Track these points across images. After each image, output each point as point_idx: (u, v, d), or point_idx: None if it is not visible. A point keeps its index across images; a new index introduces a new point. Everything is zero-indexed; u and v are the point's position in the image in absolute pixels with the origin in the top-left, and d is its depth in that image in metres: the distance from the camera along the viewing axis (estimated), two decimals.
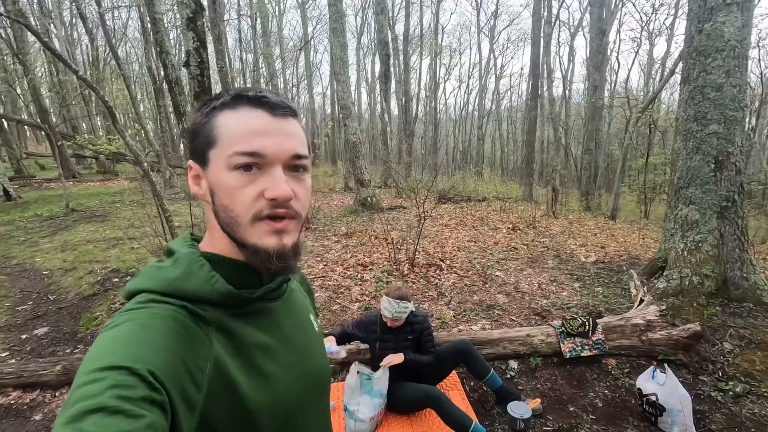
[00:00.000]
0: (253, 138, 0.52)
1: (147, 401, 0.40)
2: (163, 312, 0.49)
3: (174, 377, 0.44)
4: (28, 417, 2.60)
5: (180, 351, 0.46)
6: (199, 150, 0.55)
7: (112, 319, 0.49)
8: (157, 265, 0.56)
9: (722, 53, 3.66)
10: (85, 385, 0.39)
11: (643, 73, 23.65)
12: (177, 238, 0.61)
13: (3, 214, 8.91)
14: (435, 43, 23.22)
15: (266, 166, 0.53)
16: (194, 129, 0.56)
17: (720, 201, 3.75)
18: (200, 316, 0.51)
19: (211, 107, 0.54)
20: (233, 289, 0.54)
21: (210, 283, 0.53)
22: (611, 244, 6.33)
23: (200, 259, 0.55)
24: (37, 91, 12.87)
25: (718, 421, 2.34)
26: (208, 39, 5.74)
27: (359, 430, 2.26)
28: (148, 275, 0.54)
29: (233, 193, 0.52)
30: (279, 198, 0.52)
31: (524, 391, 2.65)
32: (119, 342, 0.44)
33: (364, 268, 4.92)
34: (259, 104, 0.54)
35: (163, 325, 0.47)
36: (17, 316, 4.07)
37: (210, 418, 0.47)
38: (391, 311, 2.29)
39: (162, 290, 0.52)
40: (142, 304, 0.50)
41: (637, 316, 3.02)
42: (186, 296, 0.51)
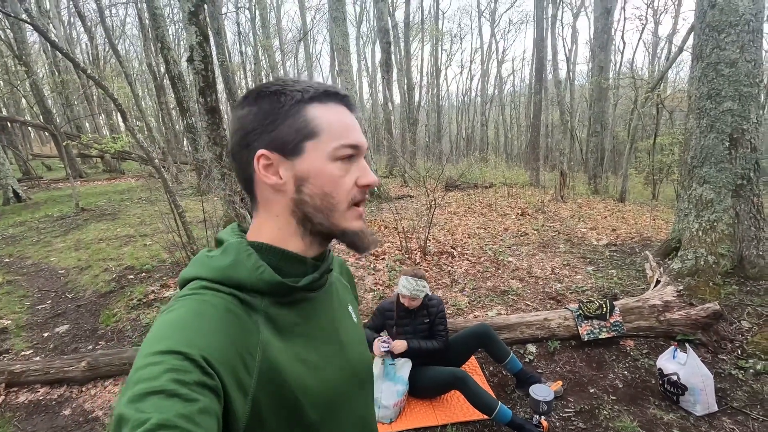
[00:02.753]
0: (352, 132, 0.58)
1: (201, 385, 0.41)
2: (215, 299, 0.51)
3: (227, 362, 0.46)
4: (57, 412, 2.66)
5: (232, 337, 0.48)
6: (285, 140, 0.56)
7: (169, 304, 0.51)
8: (207, 254, 0.58)
9: (736, 28, 3.58)
10: (145, 367, 0.41)
11: (648, 53, 23.26)
12: (225, 228, 0.63)
13: (14, 215, 9.01)
14: (436, 29, 22.91)
15: (357, 158, 0.58)
16: (272, 119, 0.56)
17: (735, 179, 3.70)
18: (249, 303, 0.53)
19: (297, 99, 0.56)
20: (279, 279, 0.55)
21: (258, 272, 0.54)
22: (622, 227, 6.30)
23: (248, 248, 0.56)
24: (41, 91, 12.88)
25: (739, 398, 2.34)
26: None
27: (383, 416, 2.30)
28: (199, 263, 0.56)
29: (336, 182, 0.56)
30: (372, 185, 0.59)
31: (543, 375, 2.67)
32: (175, 327, 0.46)
33: (376, 257, 4.93)
34: (344, 102, 0.59)
35: (215, 312, 0.49)
36: (37, 315, 4.14)
37: (260, 403, 0.49)
38: (409, 289, 2.32)
39: (213, 278, 0.53)
40: (195, 290, 0.52)
41: (654, 297, 3.01)
42: (235, 284, 0.53)
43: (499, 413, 2.10)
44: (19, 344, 3.56)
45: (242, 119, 0.58)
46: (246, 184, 0.61)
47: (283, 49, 26.00)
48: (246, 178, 0.60)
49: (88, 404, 2.69)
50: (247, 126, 0.57)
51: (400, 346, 2.35)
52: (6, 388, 2.86)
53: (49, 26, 15.36)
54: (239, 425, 0.46)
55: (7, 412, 2.68)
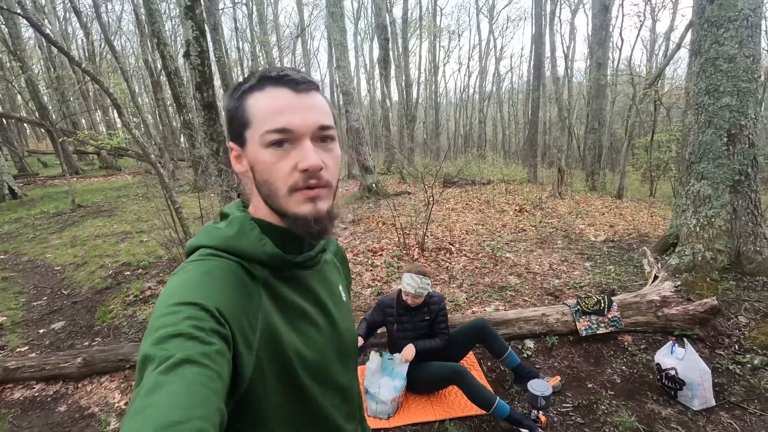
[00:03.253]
0: (280, 115, 0.56)
1: (215, 333, 0.46)
2: (223, 264, 0.55)
3: (235, 317, 0.50)
4: (52, 408, 2.64)
5: (238, 298, 0.52)
6: (236, 132, 0.60)
7: (180, 267, 0.56)
8: (214, 225, 0.62)
9: (735, 23, 3.57)
10: (164, 316, 0.46)
11: (646, 49, 23.26)
12: (230, 203, 0.68)
13: (10, 212, 8.95)
14: (434, 26, 22.84)
15: (296, 141, 0.57)
16: (230, 113, 0.60)
17: (733, 175, 3.70)
18: (251, 272, 0.57)
19: (241, 91, 0.59)
20: (280, 252, 0.59)
21: (260, 244, 0.58)
22: (620, 223, 6.31)
23: (251, 222, 0.61)
24: (36, 88, 12.78)
25: (737, 393, 2.35)
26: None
27: (381, 411, 2.29)
28: (206, 233, 0.61)
29: (270, 169, 0.57)
30: (310, 168, 0.56)
31: (541, 370, 2.66)
32: (189, 284, 0.51)
33: (374, 253, 4.92)
34: (282, 82, 0.57)
35: (224, 274, 0.53)
36: (33, 312, 4.12)
37: (262, 359, 0.53)
38: (414, 286, 2.31)
39: (219, 246, 0.57)
40: (203, 256, 0.56)
41: (652, 293, 3.02)
42: (239, 253, 0.57)
43: (498, 408, 2.10)
44: (15, 341, 3.53)
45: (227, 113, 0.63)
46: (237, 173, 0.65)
47: (281, 45, 25.86)
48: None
49: (84, 400, 2.67)
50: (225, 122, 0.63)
51: (410, 353, 2.33)
52: (1, 384, 2.84)
53: (45, 22, 15.24)
54: (245, 376, 0.51)
55: (2, 408, 2.66)
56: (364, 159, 8.96)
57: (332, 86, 24.92)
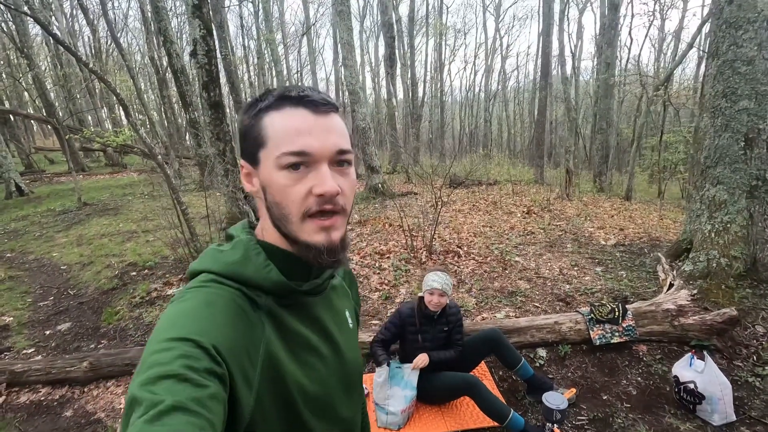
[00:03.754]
0: (299, 137, 0.54)
1: (210, 373, 0.43)
2: (224, 292, 0.53)
3: (234, 353, 0.48)
4: (58, 413, 2.62)
5: (239, 330, 0.50)
6: (249, 150, 0.58)
7: (179, 294, 0.53)
8: (218, 248, 0.60)
9: (754, 24, 3.48)
10: (157, 353, 0.43)
11: (655, 49, 23.02)
12: (237, 224, 0.65)
13: (17, 209, 8.98)
14: (440, 24, 22.70)
15: (313, 164, 0.55)
16: (243, 130, 0.58)
17: (750, 180, 3.62)
18: (254, 300, 0.55)
19: (258, 109, 0.57)
20: (285, 280, 0.57)
21: (265, 270, 0.56)
22: (630, 226, 6.22)
23: (257, 246, 0.58)
24: (43, 85, 12.81)
25: (757, 407, 2.28)
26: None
27: (391, 422, 2.25)
28: (209, 257, 0.58)
29: (284, 192, 0.55)
30: (326, 194, 0.54)
31: (555, 380, 2.61)
32: (187, 316, 0.48)
33: (381, 256, 4.87)
34: (301, 103, 0.55)
35: (224, 305, 0.51)
36: (39, 312, 4.10)
37: (263, 396, 0.50)
38: (440, 282, 2.29)
39: (222, 272, 0.55)
40: (204, 283, 0.54)
41: (667, 301, 2.95)
42: (243, 280, 0.55)
43: (512, 421, 2.05)
44: (21, 342, 3.52)
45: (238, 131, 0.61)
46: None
47: (286, 42, 25.82)
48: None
49: (90, 405, 2.65)
50: (239, 137, 0.60)
51: (422, 361, 2.28)
52: (7, 387, 2.82)
53: (52, 19, 15.26)
54: (245, 415, 0.48)
55: (9, 412, 2.64)
56: (370, 159, 8.90)
57: (337, 84, 24.85)
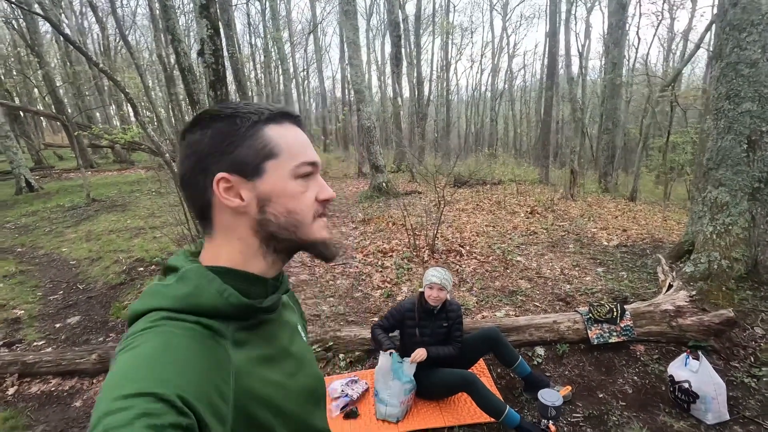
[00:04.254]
0: (308, 150, 0.60)
1: (176, 428, 0.39)
2: (181, 330, 0.48)
3: (203, 396, 0.44)
4: (68, 403, 2.70)
5: (205, 368, 0.47)
6: (245, 161, 0.56)
7: (128, 340, 0.47)
8: (162, 283, 0.55)
9: (758, 27, 3.49)
10: (112, 414, 0.38)
11: (663, 49, 22.83)
12: (176, 255, 0.61)
13: (27, 205, 9.13)
14: (446, 23, 22.66)
15: (315, 173, 0.61)
16: (230, 141, 0.56)
17: (752, 182, 3.63)
18: (216, 330, 0.52)
19: (253, 121, 0.57)
20: (246, 300, 0.55)
21: (223, 296, 0.53)
22: (633, 227, 6.22)
23: (208, 273, 0.55)
24: (53, 82, 12.98)
25: (752, 407, 2.31)
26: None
27: (390, 414, 2.30)
28: (156, 294, 0.53)
29: (299, 198, 0.58)
30: (331, 199, 0.62)
31: (552, 378, 2.65)
32: (143, 365, 0.43)
33: (384, 254, 4.93)
34: (296, 122, 0.62)
35: (185, 344, 0.47)
36: (49, 306, 4.20)
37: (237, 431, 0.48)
38: (439, 276, 2.36)
39: (175, 307, 0.51)
40: (156, 322, 0.49)
41: (666, 302, 2.97)
42: (200, 312, 0.51)
43: (508, 417, 2.10)
44: (32, 334, 3.61)
45: (196, 144, 0.57)
46: (202, 211, 0.59)
47: (293, 41, 25.91)
48: (203, 204, 0.58)
49: None
50: (203, 150, 0.56)
51: (420, 355, 2.34)
52: (19, 378, 2.91)
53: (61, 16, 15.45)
54: None
55: (20, 402, 2.73)
56: (374, 158, 8.95)
57: (343, 83, 24.92)
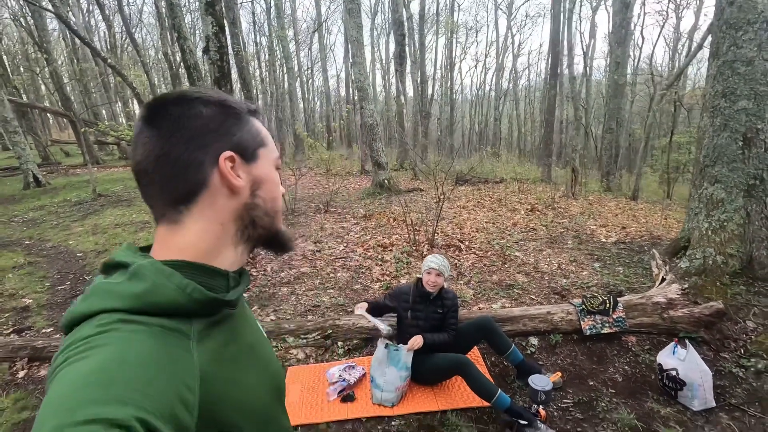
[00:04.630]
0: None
1: None
2: (140, 335, 0.43)
3: (166, 411, 0.39)
4: None
5: (167, 378, 0.42)
6: (246, 145, 0.58)
7: (73, 349, 0.41)
8: (110, 281, 0.49)
9: (754, 26, 3.53)
10: None
11: (669, 48, 22.74)
12: (119, 249, 0.55)
13: (34, 199, 9.29)
14: (451, 21, 22.70)
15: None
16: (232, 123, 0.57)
17: (747, 179, 3.67)
18: (178, 331, 0.47)
19: (242, 110, 0.60)
20: (212, 294, 0.51)
21: (186, 291, 0.48)
22: (632, 225, 6.26)
23: (165, 268, 0.49)
24: (60, 79, 13.14)
25: (738, 395, 2.37)
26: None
27: (386, 399, 2.38)
28: (105, 293, 0.47)
29: (278, 188, 0.63)
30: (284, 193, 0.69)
31: (544, 366, 2.72)
32: (95, 383, 0.37)
33: (384, 249, 5.00)
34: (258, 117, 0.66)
35: (144, 351, 0.42)
36: (57, 295, 4.31)
37: None
38: (437, 262, 2.45)
39: (128, 307, 0.45)
40: (107, 326, 0.43)
41: (658, 295, 3.03)
42: (158, 311, 0.46)
43: (499, 399, 2.17)
44: (41, 322, 3.72)
45: (192, 119, 0.54)
46: (187, 193, 0.54)
47: (298, 39, 26.02)
48: (192, 183, 0.54)
49: None
50: (202, 126, 0.54)
51: (417, 342, 2.41)
52: (29, 362, 3.01)
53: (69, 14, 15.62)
54: None
55: (30, 384, 2.83)
56: (377, 155, 9.03)
57: (347, 81, 24.99)
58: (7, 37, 21.55)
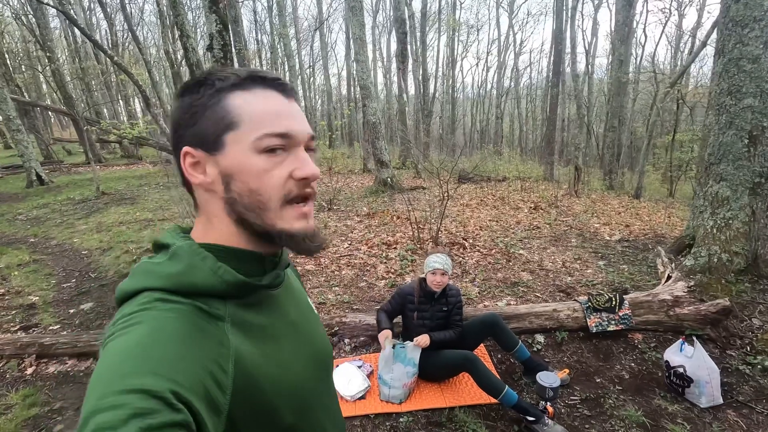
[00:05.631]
0: (279, 119, 0.52)
1: (171, 426, 0.37)
2: (174, 313, 0.45)
3: (198, 388, 0.41)
4: (85, 383, 2.81)
5: (201, 356, 0.43)
6: (205, 134, 0.51)
7: (118, 325, 0.44)
8: (153, 261, 0.51)
9: (760, 23, 3.53)
10: (104, 411, 0.35)
11: (671, 46, 22.67)
12: (165, 230, 0.57)
13: (38, 197, 9.31)
14: (453, 20, 22.66)
15: (291, 148, 0.52)
16: (192, 112, 0.52)
17: (753, 177, 3.67)
18: (213, 312, 0.48)
19: (216, 89, 0.51)
20: (242, 278, 0.51)
21: (218, 274, 0.49)
22: (636, 223, 6.26)
23: (201, 250, 0.51)
24: (63, 78, 13.15)
25: (745, 393, 2.37)
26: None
27: (393, 396, 2.39)
28: (146, 272, 0.50)
29: (262, 177, 0.51)
30: (310, 177, 0.53)
31: (551, 363, 2.72)
32: (132, 356, 0.40)
33: (389, 246, 5.01)
34: (273, 86, 0.53)
35: (178, 330, 0.44)
36: (63, 293, 4.33)
37: (235, 418, 0.45)
38: (441, 262, 2.44)
39: (167, 287, 0.47)
40: (147, 305, 0.45)
41: (664, 292, 3.04)
42: (194, 291, 0.48)
43: (506, 395, 2.17)
44: (47, 319, 3.74)
45: (172, 115, 0.54)
46: (186, 186, 0.55)
47: (299, 37, 25.98)
48: (183, 179, 0.55)
49: None
50: (174, 122, 0.53)
51: (424, 341, 2.42)
52: (37, 359, 3.03)
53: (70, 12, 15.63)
54: None
55: (38, 381, 2.84)
56: (380, 153, 9.03)
57: (349, 79, 24.97)
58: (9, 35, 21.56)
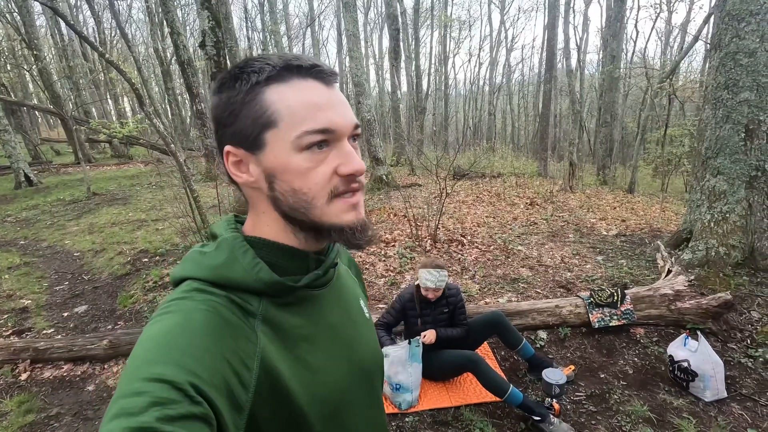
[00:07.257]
0: (320, 112, 0.48)
1: (189, 418, 0.37)
2: (206, 305, 0.45)
3: (219, 382, 0.41)
4: (81, 387, 2.75)
5: (225, 351, 0.43)
6: (245, 133, 0.49)
7: (161, 308, 0.46)
8: (201, 250, 0.52)
9: (756, 17, 3.54)
10: (127, 397, 0.37)
11: (661, 41, 22.85)
12: (221, 220, 0.57)
13: (27, 199, 9.13)
14: (445, 16, 22.60)
15: (335, 141, 0.50)
16: (230, 110, 0.49)
17: (749, 171, 3.69)
18: (246, 307, 0.48)
19: (252, 83, 0.48)
20: (277, 278, 0.50)
21: (254, 271, 0.49)
22: (632, 218, 6.30)
23: (244, 244, 0.51)
24: (50, 77, 12.90)
25: (749, 386, 2.39)
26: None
27: (414, 399, 2.35)
28: (191, 261, 0.51)
29: (305, 176, 0.49)
30: (356, 173, 0.50)
31: (555, 360, 2.72)
32: (162, 345, 0.41)
33: (387, 244, 4.98)
34: (311, 74, 0.49)
35: (207, 322, 0.44)
36: (56, 296, 4.24)
37: (258, 417, 0.45)
38: (433, 281, 2.37)
39: (205, 278, 0.48)
40: (186, 293, 0.47)
41: (665, 287, 3.05)
42: (230, 285, 0.48)
43: (511, 395, 2.16)
44: (41, 323, 3.66)
45: (212, 112, 0.52)
46: (232, 182, 0.54)
47: (290, 35, 25.78)
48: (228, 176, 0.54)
49: (112, 380, 2.78)
50: (216, 120, 0.51)
51: (431, 336, 2.39)
52: (31, 364, 2.96)
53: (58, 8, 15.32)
54: None
55: (34, 387, 2.78)
56: (375, 150, 8.99)
57: (341, 77, 24.84)
58: None
